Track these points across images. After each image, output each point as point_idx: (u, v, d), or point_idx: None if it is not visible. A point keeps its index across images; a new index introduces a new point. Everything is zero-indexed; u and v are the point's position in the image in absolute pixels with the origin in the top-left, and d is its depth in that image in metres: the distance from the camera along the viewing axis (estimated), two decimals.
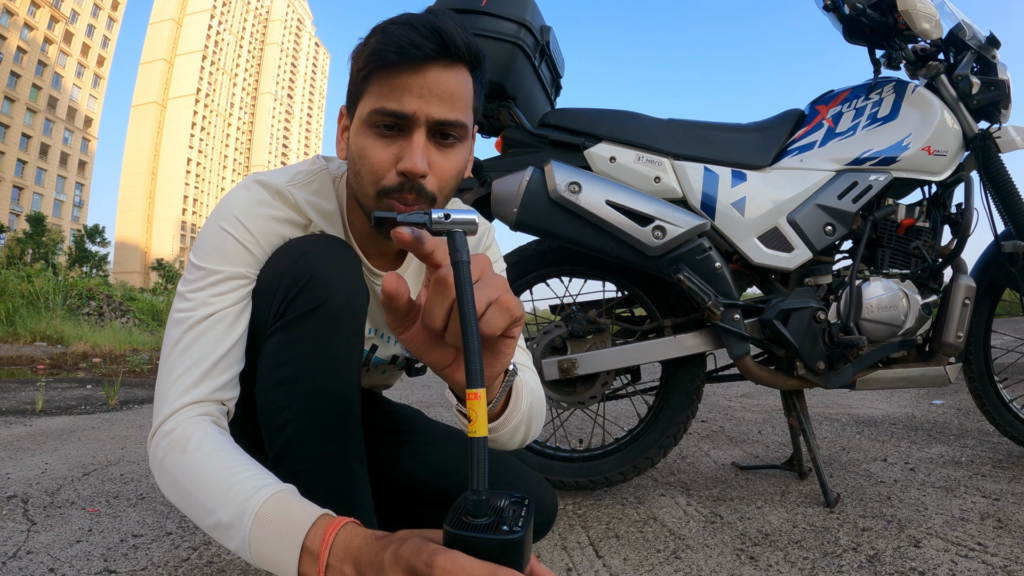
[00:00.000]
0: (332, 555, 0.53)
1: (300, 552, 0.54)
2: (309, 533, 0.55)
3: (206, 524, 0.60)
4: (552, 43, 1.48)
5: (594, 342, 1.46)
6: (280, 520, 0.56)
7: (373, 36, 0.71)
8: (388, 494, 0.93)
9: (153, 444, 0.67)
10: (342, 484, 0.77)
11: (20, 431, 2.42)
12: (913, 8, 1.33)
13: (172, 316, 0.73)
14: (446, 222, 0.51)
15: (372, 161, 0.72)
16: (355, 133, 0.75)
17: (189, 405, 0.68)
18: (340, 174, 0.87)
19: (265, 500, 0.58)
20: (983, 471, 1.60)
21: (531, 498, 0.50)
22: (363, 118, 0.73)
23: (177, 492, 0.63)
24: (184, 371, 0.69)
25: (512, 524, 0.46)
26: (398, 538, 0.51)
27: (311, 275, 0.73)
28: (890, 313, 1.33)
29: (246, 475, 0.61)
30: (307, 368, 0.73)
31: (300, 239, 0.79)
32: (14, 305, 8.24)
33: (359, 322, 0.77)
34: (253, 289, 0.76)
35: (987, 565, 1.04)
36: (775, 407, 2.77)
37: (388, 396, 1.13)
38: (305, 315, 0.73)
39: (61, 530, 1.29)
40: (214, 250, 0.74)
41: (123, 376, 4.53)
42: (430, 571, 0.44)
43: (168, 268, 58.74)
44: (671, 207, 1.34)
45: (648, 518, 1.33)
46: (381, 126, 0.71)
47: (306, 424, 0.74)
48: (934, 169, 1.38)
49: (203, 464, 0.62)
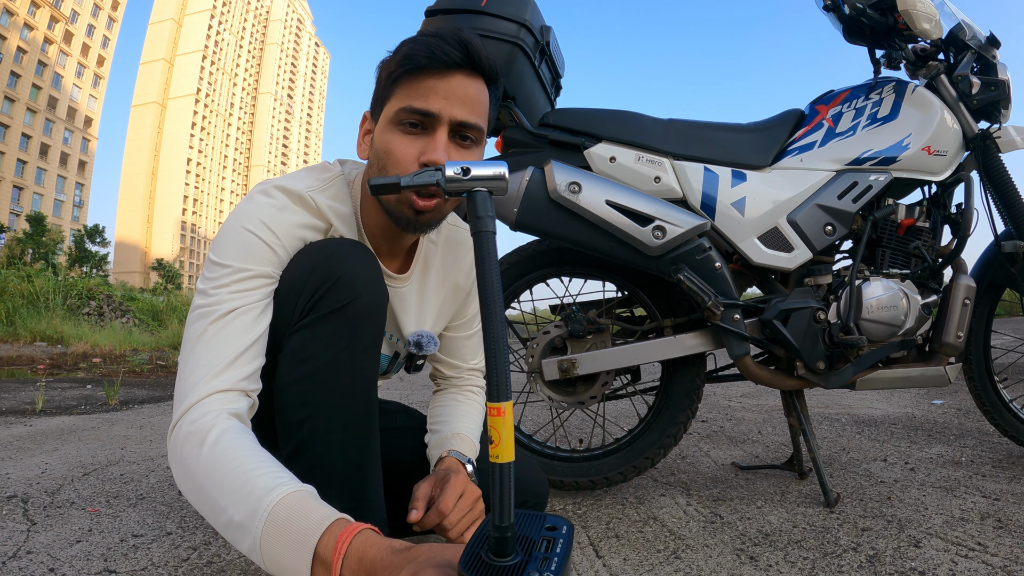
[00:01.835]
0: (345, 566, 0.51)
1: (312, 560, 0.52)
2: (321, 540, 0.52)
3: (218, 523, 0.58)
4: (552, 43, 1.48)
5: (594, 342, 1.46)
6: (293, 522, 0.54)
7: (404, 46, 0.78)
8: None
9: (173, 437, 0.65)
10: (358, 481, 0.78)
11: (20, 431, 2.42)
12: (913, 8, 1.33)
13: (194, 312, 0.73)
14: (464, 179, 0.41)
15: (398, 155, 0.77)
16: (381, 131, 0.80)
17: (216, 393, 0.66)
18: (352, 177, 0.89)
19: (279, 500, 0.55)
20: (983, 471, 1.60)
21: (570, 524, 0.45)
22: (390, 117, 0.78)
23: (191, 486, 0.62)
24: (209, 360, 0.68)
25: (543, 567, 0.38)
26: (414, 560, 0.48)
27: (339, 275, 0.75)
28: (890, 313, 1.33)
29: (262, 472, 0.58)
30: (330, 365, 0.75)
31: (325, 241, 0.81)
32: (14, 305, 8.24)
33: (381, 323, 0.80)
34: (279, 286, 0.77)
35: (987, 565, 1.04)
36: (775, 407, 2.77)
37: (388, 396, 1.13)
38: (331, 314, 0.74)
39: (61, 530, 1.29)
40: (239, 249, 0.75)
41: (123, 376, 4.53)
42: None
43: (168, 268, 58.77)
44: (671, 207, 1.34)
45: (648, 518, 1.33)
46: (407, 123, 0.77)
47: (326, 420, 0.75)
48: (934, 169, 1.37)
49: (220, 459, 0.60)
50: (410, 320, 0.99)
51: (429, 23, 1.34)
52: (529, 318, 1.62)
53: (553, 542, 0.41)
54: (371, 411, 0.80)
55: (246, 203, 0.79)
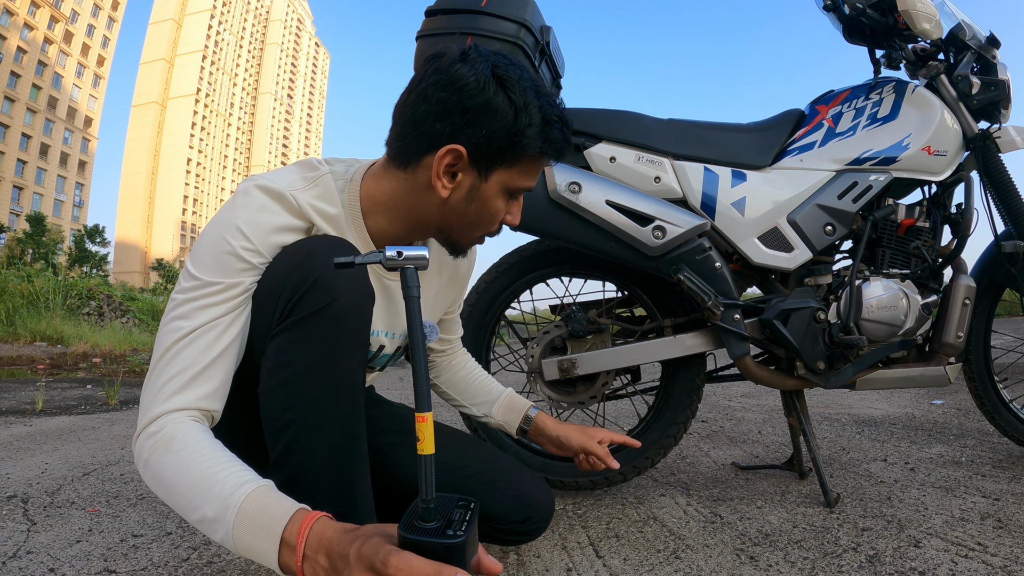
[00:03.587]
0: (308, 546, 0.59)
1: (279, 544, 0.60)
2: (287, 528, 0.60)
3: (192, 518, 0.65)
4: (552, 43, 1.47)
5: (594, 342, 1.46)
6: (260, 515, 0.61)
7: (551, 123, 0.80)
8: (384, 493, 0.93)
9: (138, 445, 0.70)
10: (344, 486, 0.77)
11: (20, 431, 2.42)
12: (913, 8, 1.33)
13: (164, 323, 0.74)
14: (399, 259, 0.59)
15: (497, 219, 0.86)
16: (491, 196, 0.83)
17: (173, 412, 0.70)
18: (350, 176, 0.87)
19: (245, 497, 0.62)
20: (983, 471, 1.60)
21: (476, 501, 0.61)
22: (505, 185, 0.82)
23: (163, 488, 0.67)
24: (170, 378, 0.70)
25: (456, 528, 0.55)
26: (363, 534, 0.58)
27: (317, 276, 0.73)
28: (890, 313, 1.33)
29: (227, 473, 0.65)
30: (312, 369, 0.74)
31: (305, 240, 0.79)
32: (14, 305, 8.24)
33: (364, 324, 0.78)
34: (256, 290, 0.76)
35: (987, 565, 1.04)
36: (775, 407, 2.77)
37: (388, 396, 1.13)
38: (311, 316, 0.73)
39: (61, 530, 1.29)
40: (212, 261, 0.74)
41: (123, 376, 4.53)
42: (385, 569, 0.52)
43: (168, 268, 58.72)
44: (671, 207, 1.34)
45: (648, 518, 1.33)
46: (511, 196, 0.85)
47: (310, 425, 0.74)
48: (934, 169, 1.37)
49: (186, 463, 0.65)
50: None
51: (429, 23, 1.33)
52: (529, 318, 1.62)
53: (464, 512, 0.58)
54: (357, 412, 0.78)
55: (227, 205, 0.78)
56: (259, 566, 1.10)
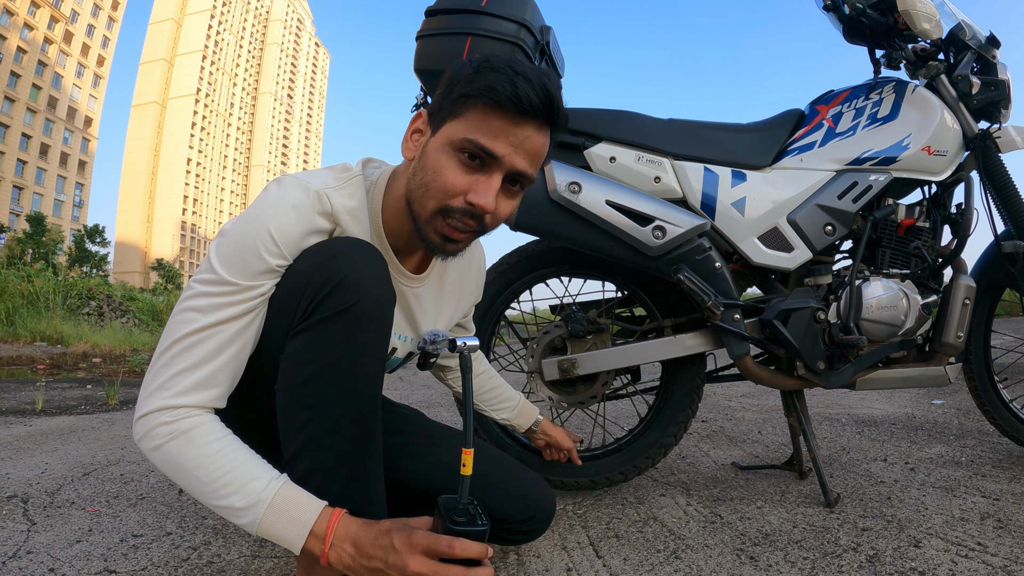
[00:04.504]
0: (336, 537, 0.70)
1: (308, 535, 0.69)
2: (317, 521, 0.70)
3: (213, 503, 0.70)
4: (552, 43, 1.47)
5: (594, 342, 1.46)
6: (292, 510, 0.70)
7: (490, 69, 0.75)
8: (389, 494, 0.94)
9: (145, 428, 0.72)
10: (359, 484, 0.79)
11: (20, 431, 2.42)
12: (913, 8, 1.33)
13: (179, 309, 0.74)
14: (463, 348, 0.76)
15: (447, 181, 0.76)
16: (437, 149, 0.78)
17: (183, 407, 0.72)
18: (376, 177, 0.89)
19: (276, 493, 0.70)
20: (983, 471, 1.60)
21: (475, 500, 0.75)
22: (451, 139, 0.76)
23: (179, 474, 0.71)
24: (182, 371, 0.72)
25: (481, 519, 0.73)
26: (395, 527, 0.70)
27: (342, 276, 0.74)
28: (890, 313, 1.33)
29: (254, 470, 0.72)
30: (334, 367, 0.74)
31: (330, 241, 0.80)
32: (14, 305, 8.23)
33: (387, 325, 0.79)
34: (280, 288, 0.77)
35: (987, 565, 1.04)
36: (775, 407, 2.77)
37: (388, 396, 1.14)
38: (335, 315, 0.74)
39: (61, 530, 1.29)
40: (236, 258, 0.75)
41: (123, 376, 4.53)
42: (452, 551, 0.67)
43: (168, 268, 58.76)
44: (671, 207, 1.34)
45: (648, 518, 1.33)
46: (466, 154, 0.76)
47: (329, 423, 0.75)
48: (934, 169, 1.37)
49: (211, 456, 0.71)
50: (427, 319, 1.00)
51: (429, 23, 1.33)
52: (529, 318, 1.62)
53: (476, 508, 0.74)
54: (375, 412, 0.79)
55: (261, 199, 0.79)
56: (259, 567, 1.10)
